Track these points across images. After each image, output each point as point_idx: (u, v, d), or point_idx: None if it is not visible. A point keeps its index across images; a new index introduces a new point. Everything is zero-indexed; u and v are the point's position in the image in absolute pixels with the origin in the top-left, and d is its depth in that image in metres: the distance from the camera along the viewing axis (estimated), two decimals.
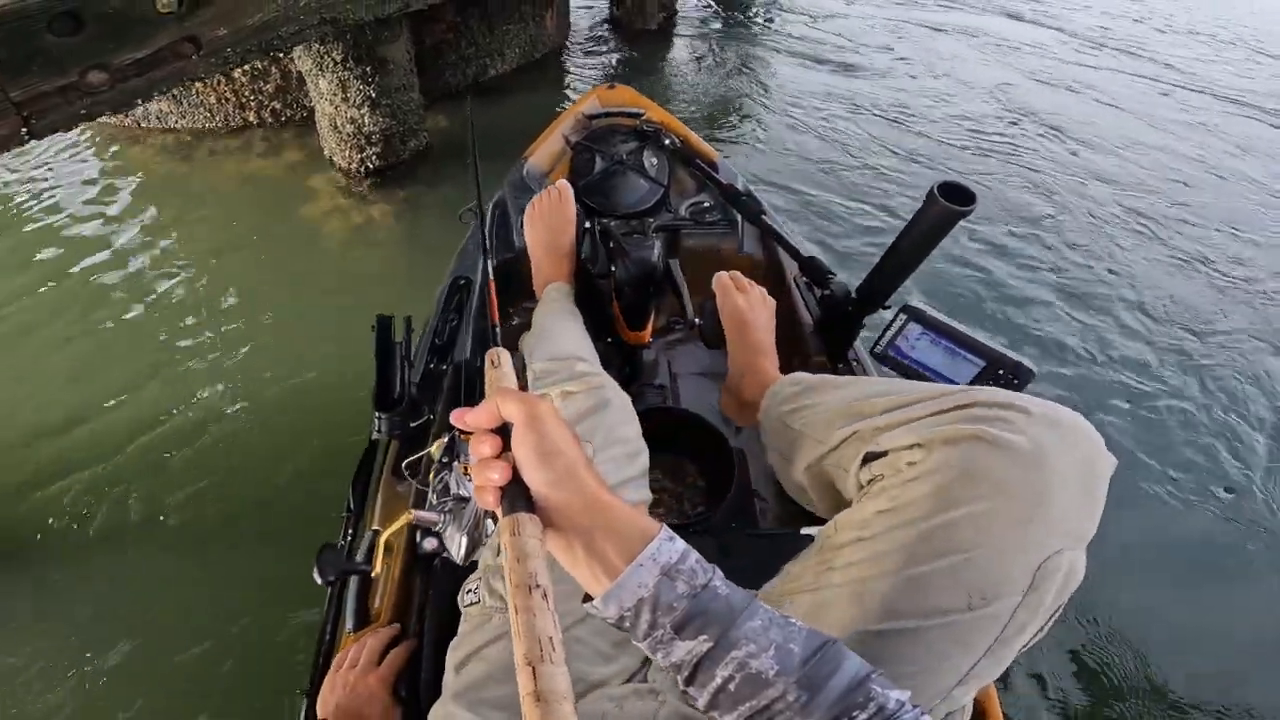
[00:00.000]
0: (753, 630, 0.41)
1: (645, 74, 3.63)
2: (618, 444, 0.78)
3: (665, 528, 0.44)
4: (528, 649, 0.35)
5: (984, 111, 3.40)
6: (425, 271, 2.07)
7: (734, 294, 1.03)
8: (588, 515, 0.43)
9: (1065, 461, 0.53)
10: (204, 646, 1.30)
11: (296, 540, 1.41)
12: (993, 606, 0.51)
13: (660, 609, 0.41)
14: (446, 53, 2.90)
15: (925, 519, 0.54)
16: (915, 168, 2.86)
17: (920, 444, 0.59)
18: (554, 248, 1.13)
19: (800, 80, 3.62)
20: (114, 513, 1.47)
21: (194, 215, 2.28)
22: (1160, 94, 3.72)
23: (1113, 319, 2.16)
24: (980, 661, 0.52)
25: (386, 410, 0.94)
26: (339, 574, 0.74)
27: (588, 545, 0.42)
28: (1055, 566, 0.51)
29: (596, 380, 0.84)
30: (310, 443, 1.60)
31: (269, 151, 2.58)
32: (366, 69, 2.10)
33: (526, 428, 0.43)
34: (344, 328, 1.81)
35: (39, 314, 1.91)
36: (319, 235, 2.22)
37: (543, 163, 1.44)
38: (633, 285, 1.04)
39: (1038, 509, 0.52)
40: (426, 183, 2.45)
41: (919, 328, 0.93)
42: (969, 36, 4.45)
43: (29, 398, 1.69)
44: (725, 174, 1.38)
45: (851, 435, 0.69)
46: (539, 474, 0.43)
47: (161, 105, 2.52)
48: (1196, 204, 2.78)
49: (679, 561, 0.42)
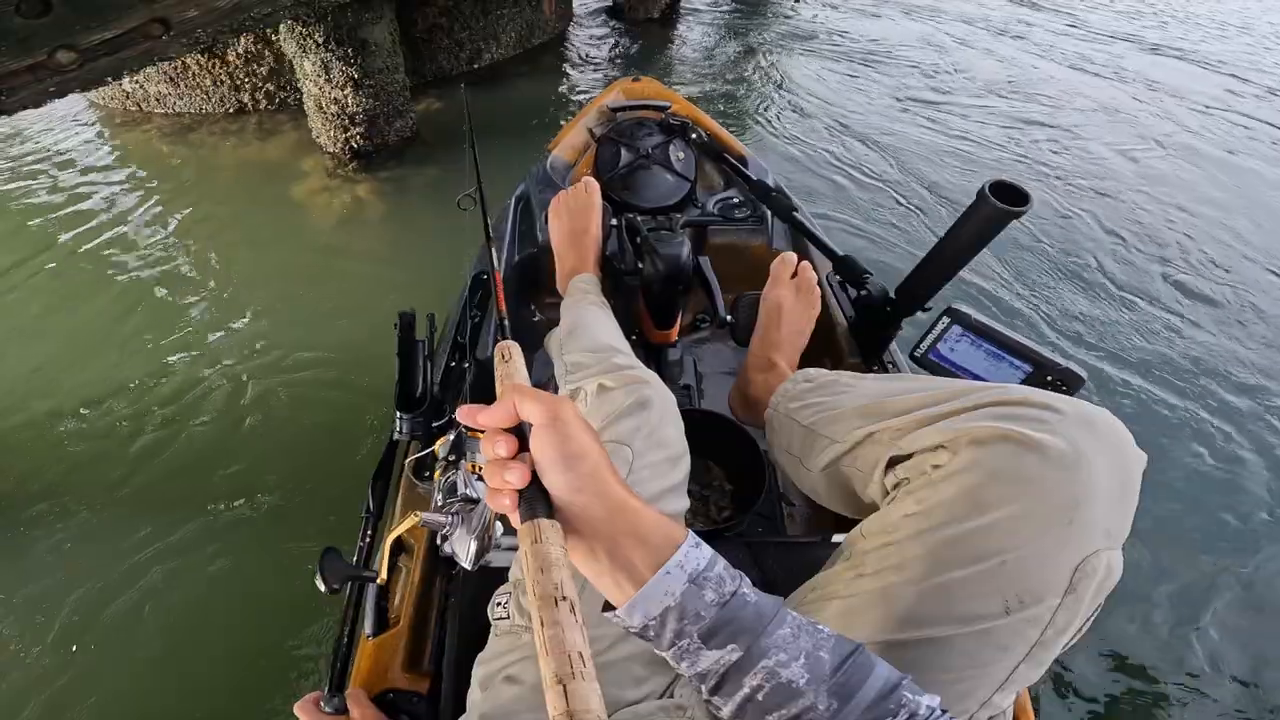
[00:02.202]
0: (782, 638, 0.40)
1: (648, 63, 3.60)
2: (660, 447, 0.73)
3: (692, 533, 0.42)
4: (557, 666, 0.33)
5: (1019, 111, 3.29)
6: (409, 253, 2.13)
7: (785, 285, 1.00)
8: (612, 521, 0.41)
9: (1100, 461, 0.52)
10: (213, 642, 1.27)
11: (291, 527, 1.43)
12: (1031, 610, 0.50)
13: (687, 617, 0.40)
14: (439, 37, 2.93)
15: (956, 522, 0.53)
16: (944, 166, 2.77)
17: (945, 445, 0.58)
18: (580, 237, 1.09)
19: (814, 72, 3.55)
20: (79, 485, 1.52)
21: (187, 195, 2.35)
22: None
23: (1183, 331, 2.02)
24: (1020, 666, 0.51)
25: (409, 410, 0.91)
26: (343, 581, 0.70)
27: (612, 552, 0.40)
28: (1093, 567, 0.50)
29: (636, 375, 0.78)
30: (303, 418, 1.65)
31: (264, 135, 2.65)
32: (348, 50, 2.14)
33: (548, 428, 0.41)
34: (327, 309, 1.87)
35: (33, 290, 1.99)
36: (307, 215, 2.27)
37: (566, 156, 1.41)
38: (661, 282, 1.01)
39: (1075, 510, 0.51)
40: (413, 165, 2.48)
41: (960, 329, 0.89)
42: (1000, 30, 4.36)
43: (26, 368, 1.77)
44: (755, 169, 1.35)
45: (867, 437, 0.68)
46: (561, 477, 0.40)
47: (160, 87, 2.59)
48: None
49: (706, 568, 0.41)
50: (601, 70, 3.47)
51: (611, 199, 1.25)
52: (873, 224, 2.39)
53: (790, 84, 3.38)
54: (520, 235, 1.31)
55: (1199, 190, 2.74)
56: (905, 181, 2.63)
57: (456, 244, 2.05)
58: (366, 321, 1.82)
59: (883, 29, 4.20)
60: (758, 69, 3.55)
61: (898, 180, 2.64)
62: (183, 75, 2.57)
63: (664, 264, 0.99)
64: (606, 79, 3.36)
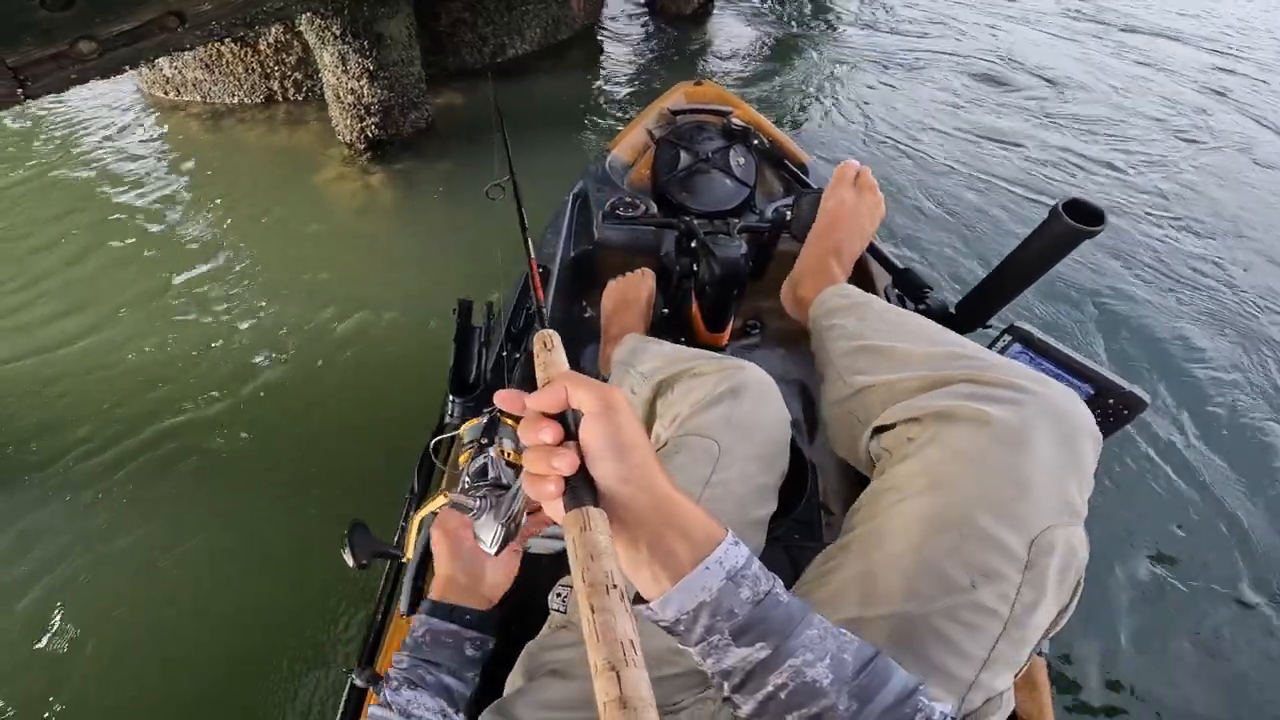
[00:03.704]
0: (810, 639, 0.41)
1: (680, 60, 3.58)
2: (750, 442, 0.69)
3: (731, 532, 0.42)
4: (609, 653, 0.33)
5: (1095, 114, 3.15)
6: (419, 241, 2.20)
7: (848, 187, 0.99)
8: (657, 513, 0.41)
9: (1048, 439, 0.54)
10: (249, 614, 1.31)
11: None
12: (994, 585, 0.51)
13: (721, 614, 0.40)
14: (462, 31, 3.00)
15: (920, 495, 0.56)
16: (1010, 179, 2.68)
17: (917, 419, 0.61)
18: (631, 305, 1.11)
19: (859, 76, 3.45)
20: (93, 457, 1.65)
21: (216, 178, 2.48)
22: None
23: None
24: (999, 644, 0.52)
25: (461, 395, 0.93)
26: (371, 556, 0.70)
27: (653, 544, 0.40)
28: (1049, 543, 0.52)
29: (731, 361, 0.74)
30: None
31: (290, 122, 2.77)
32: (364, 43, 2.22)
33: (602, 417, 0.41)
34: (336, 296, 1.95)
35: (67, 257, 2.14)
36: (324, 202, 2.38)
37: (625, 155, 1.43)
38: (717, 285, 1.01)
39: (1025, 487, 0.53)
40: (428, 156, 2.56)
41: (1020, 347, 0.89)
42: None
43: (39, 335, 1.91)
44: (816, 179, 1.35)
45: (865, 388, 0.70)
46: (613, 466, 0.40)
47: (197, 73, 2.74)
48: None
49: (744, 567, 0.41)
50: (630, 68, 3.47)
51: (669, 201, 1.28)
52: (930, 235, 2.33)
53: (834, 83, 3.31)
54: (576, 231, 1.33)
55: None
56: (962, 192, 2.55)
57: (466, 234, 2.14)
58: (369, 309, 1.91)
59: (929, 19, 4.08)
60: (798, 68, 3.48)
61: (954, 191, 2.57)
62: (217, 62, 2.70)
63: (720, 266, 0.98)
64: (635, 76, 3.37)
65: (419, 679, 0.58)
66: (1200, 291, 2.17)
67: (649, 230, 1.26)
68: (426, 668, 0.59)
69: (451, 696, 0.59)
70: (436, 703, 0.58)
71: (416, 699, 0.57)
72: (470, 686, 0.62)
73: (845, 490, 0.99)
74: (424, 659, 0.60)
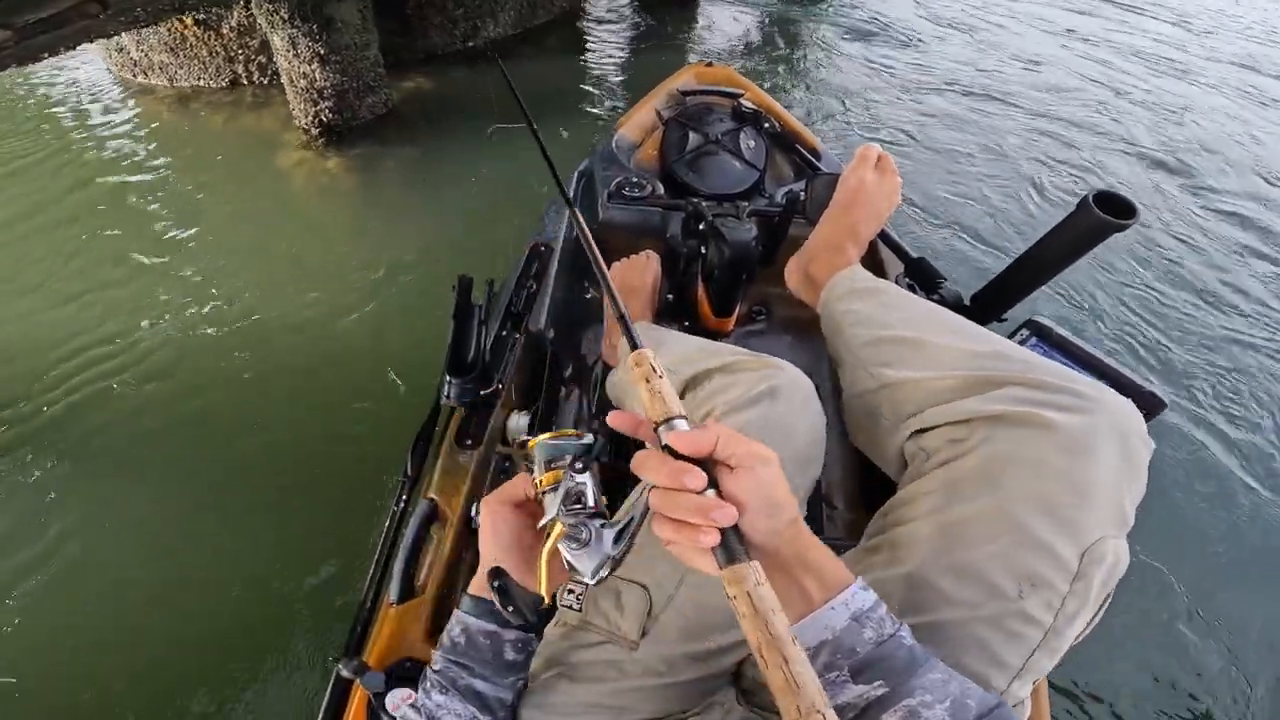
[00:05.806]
0: (931, 682, 0.42)
1: (662, 47, 3.51)
2: (784, 447, 0.64)
3: (860, 578, 0.44)
4: (811, 699, 0.35)
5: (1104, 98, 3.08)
6: (376, 223, 2.19)
7: (868, 168, 0.96)
8: (799, 561, 0.43)
9: (1111, 448, 0.53)
10: (230, 599, 1.29)
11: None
12: (1041, 594, 0.51)
13: (841, 651, 0.42)
14: (431, 13, 2.96)
15: (969, 501, 0.55)
16: (997, 164, 2.62)
17: (965, 421, 0.59)
18: (636, 290, 1.07)
19: (852, 57, 3.37)
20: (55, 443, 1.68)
21: (181, 159, 2.49)
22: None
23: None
24: (1035, 653, 0.52)
25: (460, 375, 0.90)
26: (517, 605, 0.59)
27: (786, 584, 0.43)
28: (1101, 554, 0.51)
29: (767, 359, 0.70)
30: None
31: (256, 106, 2.76)
32: (313, 26, 2.20)
33: (759, 473, 0.41)
34: (286, 278, 1.95)
35: (37, 244, 2.17)
36: (285, 185, 2.37)
37: (633, 135, 1.40)
38: (726, 269, 0.98)
39: (1085, 495, 0.52)
40: (390, 142, 2.54)
41: (1036, 341, 0.87)
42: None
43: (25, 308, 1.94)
44: (828, 164, 1.33)
45: (893, 383, 0.68)
46: (767, 524, 0.41)
47: (162, 56, 2.74)
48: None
49: (870, 610, 0.43)
50: (611, 53, 3.41)
51: (676, 182, 1.25)
52: (942, 224, 2.30)
53: (823, 71, 3.25)
54: (581, 210, 1.31)
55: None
56: (967, 182, 2.50)
57: (426, 220, 2.13)
58: (323, 294, 1.91)
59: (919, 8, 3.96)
60: (787, 53, 3.41)
61: (958, 182, 2.51)
62: (181, 45, 2.70)
63: (731, 249, 0.96)
64: (616, 63, 3.32)
65: (450, 683, 0.55)
66: (1224, 289, 2.11)
67: (655, 211, 1.23)
68: (459, 671, 0.56)
69: (485, 703, 0.56)
70: (468, 709, 0.55)
71: (447, 704, 0.54)
72: (511, 691, 0.58)
73: (848, 483, 0.96)
74: (457, 660, 0.57)
